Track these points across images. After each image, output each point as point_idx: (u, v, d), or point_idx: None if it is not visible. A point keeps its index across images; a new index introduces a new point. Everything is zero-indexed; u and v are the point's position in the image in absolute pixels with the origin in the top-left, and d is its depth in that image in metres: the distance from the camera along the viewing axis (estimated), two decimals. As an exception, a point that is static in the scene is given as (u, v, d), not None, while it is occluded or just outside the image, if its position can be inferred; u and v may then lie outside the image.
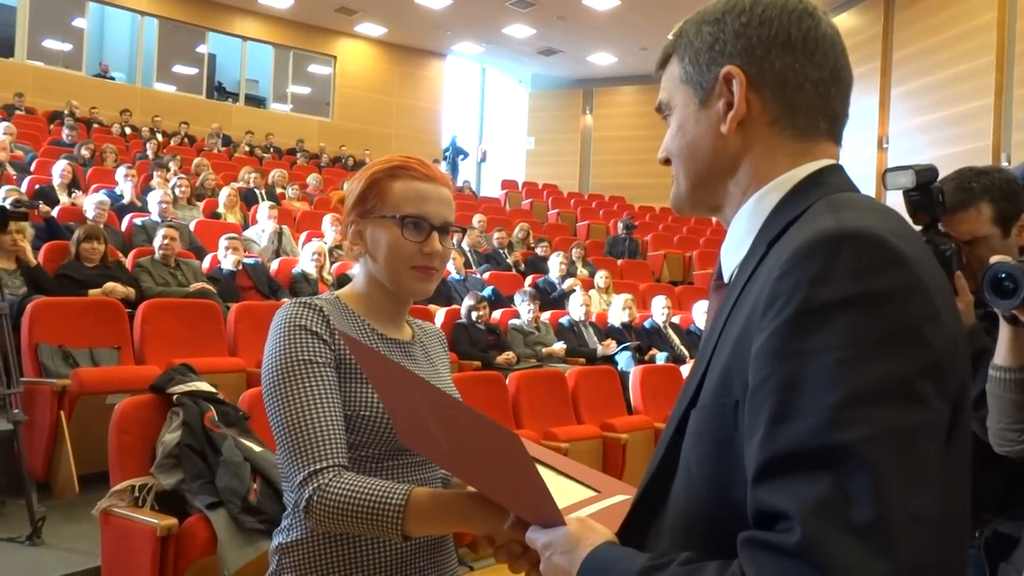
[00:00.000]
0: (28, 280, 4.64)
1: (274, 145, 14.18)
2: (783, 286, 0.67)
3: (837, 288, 0.64)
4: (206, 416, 3.04)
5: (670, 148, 0.88)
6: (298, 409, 1.15)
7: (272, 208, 7.28)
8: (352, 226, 1.31)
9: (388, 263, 1.27)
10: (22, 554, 3.11)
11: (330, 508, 1.10)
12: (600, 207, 14.49)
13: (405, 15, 15.55)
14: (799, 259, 0.67)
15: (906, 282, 0.65)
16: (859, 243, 0.66)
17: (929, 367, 0.64)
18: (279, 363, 1.18)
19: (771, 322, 0.67)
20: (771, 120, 0.81)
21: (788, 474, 0.63)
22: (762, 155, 0.82)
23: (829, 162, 0.82)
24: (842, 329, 0.63)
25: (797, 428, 0.63)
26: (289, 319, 1.21)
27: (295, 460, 1.13)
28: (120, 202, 7.13)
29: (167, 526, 2.69)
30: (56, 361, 3.94)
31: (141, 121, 13.17)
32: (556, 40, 16.15)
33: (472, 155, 18.52)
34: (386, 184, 1.29)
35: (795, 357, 0.65)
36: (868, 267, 0.65)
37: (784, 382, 0.64)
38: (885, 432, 0.61)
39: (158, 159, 9.86)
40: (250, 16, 15.86)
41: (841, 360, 0.63)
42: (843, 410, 0.62)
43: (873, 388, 0.62)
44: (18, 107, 11.76)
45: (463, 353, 5.53)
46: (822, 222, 0.70)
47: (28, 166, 8.14)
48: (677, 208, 0.91)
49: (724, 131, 0.82)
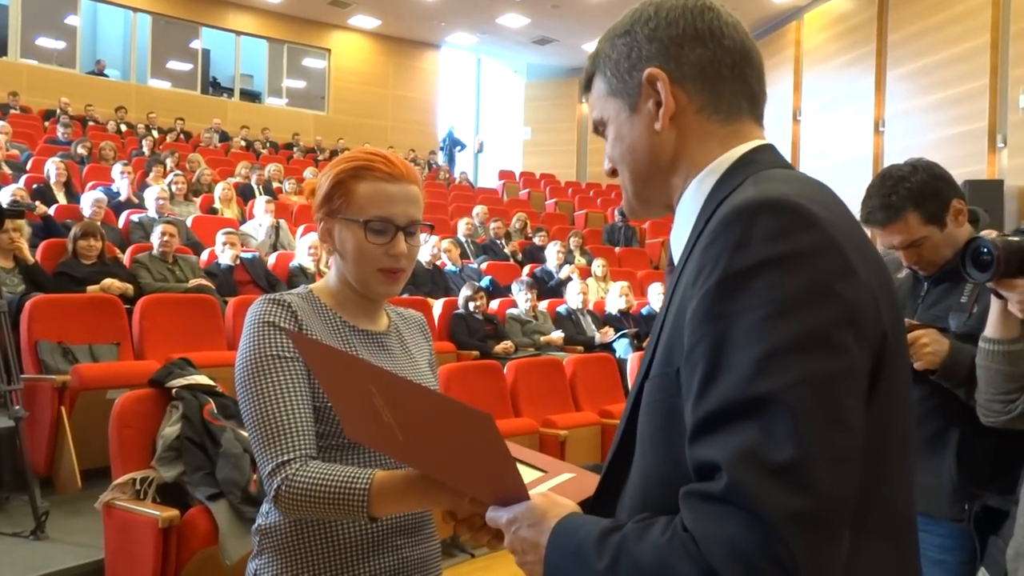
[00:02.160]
0: (26, 278, 4.66)
1: (270, 140, 14.17)
2: (709, 255, 0.72)
3: (755, 252, 0.70)
4: (205, 409, 3.07)
5: (613, 157, 0.93)
6: (267, 403, 1.20)
7: (269, 202, 7.29)
8: (321, 223, 1.33)
9: (355, 265, 1.30)
10: (26, 549, 3.14)
11: (298, 497, 1.14)
12: (598, 195, 14.49)
13: (398, 6, 15.50)
14: (722, 229, 0.72)
15: (818, 242, 0.70)
16: (774, 209, 0.71)
17: (844, 318, 0.69)
18: (249, 359, 1.22)
19: (699, 289, 0.72)
20: (697, 109, 0.86)
21: (718, 428, 0.67)
22: (695, 144, 0.87)
23: (759, 142, 0.87)
24: (761, 289, 0.68)
25: (724, 384, 0.68)
26: (259, 316, 1.25)
27: (265, 451, 1.18)
28: (117, 199, 7.14)
29: (169, 518, 2.72)
30: (56, 357, 3.96)
31: (136, 118, 13.16)
32: (550, 29, 16.10)
33: (469, 146, 18.50)
34: (351, 185, 1.29)
35: (721, 319, 0.69)
36: (782, 231, 0.70)
37: (712, 344, 0.69)
38: (803, 379, 0.66)
39: (154, 156, 9.86)
40: (243, 10, 15.81)
41: (762, 318, 0.67)
42: (764, 362, 0.66)
43: (791, 340, 0.67)
44: (13, 106, 11.75)
45: (461, 343, 5.56)
46: (744, 194, 0.76)
47: (24, 165, 8.15)
48: (630, 212, 0.97)
49: (658, 128, 0.86)
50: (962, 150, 10.17)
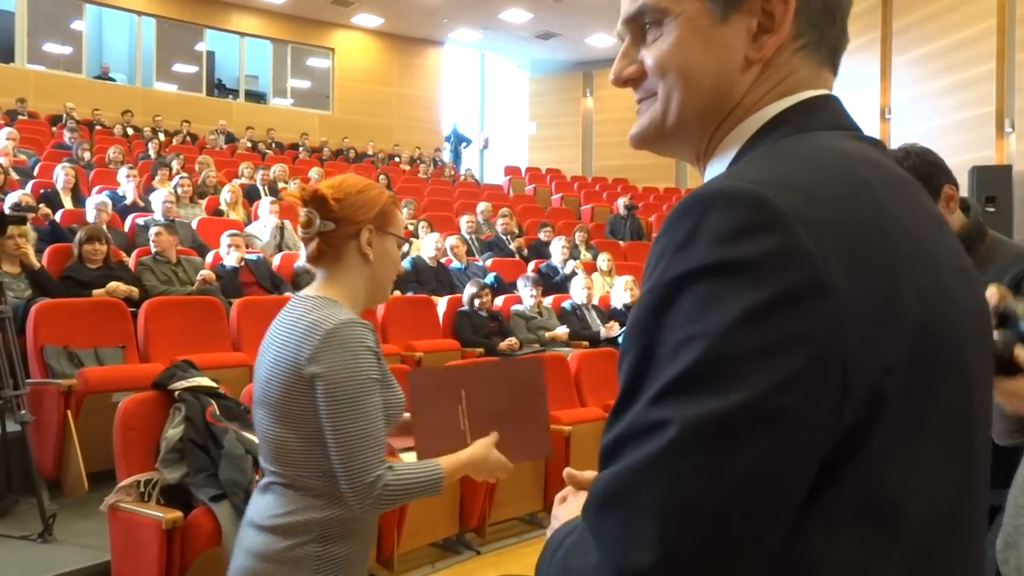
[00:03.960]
0: (32, 283, 4.70)
1: (276, 140, 14.21)
2: (655, 250, 0.61)
3: (695, 255, 0.57)
4: (207, 411, 3.09)
5: (657, 66, 0.70)
6: (368, 422, 1.42)
7: (273, 203, 7.32)
8: (367, 233, 1.54)
9: (387, 269, 1.59)
10: (34, 551, 3.18)
11: (395, 498, 1.44)
12: (604, 189, 14.46)
13: (401, 4, 15.50)
14: (673, 220, 0.60)
15: (777, 248, 0.55)
16: (730, 202, 0.57)
17: (790, 351, 0.54)
18: (356, 381, 1.43)
19: (641, 291, 0.62)
20: (799, 47, 0.69)
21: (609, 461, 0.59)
22: (768, 87, 0.69)
23: (810, 93, 0.70)
24: (694, 302, 0.56)
25: (627, 416, 0.58)
26: (359, 341, 1.44)
27: (362, 463, 1.41)
28: (123, 203, 7.19)
29: (172, 519, 2.75)
30: (61, 362, 4.00)
31: (143, 121, 13.23)
32: (554, 23, 16.06)
33: (474, 142, 18.50)
34: (394, 209, 1.60)
35: (647, 333, 0.58)
36: (732, 231, 0.56)
37: (634, 361, 0.59)
38: (695, 422, 0.53)
39: (160, 159, 9.91)
40: (247, 12, 15.86)
41: (683, 339, 0.55)
42: (660, 398, 0.55)
43: (701, 373, 0.54)
44: (20, 112, 11.83)
45: (465, 340, 5.57)
46: (716, 178, 0.62)
47: (31, 170, 8.21)
48: (641, 141, 0.76)
49: (754, 56, 0.68)
50: (970, 136, 10.08)
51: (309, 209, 1.53)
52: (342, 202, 1.52)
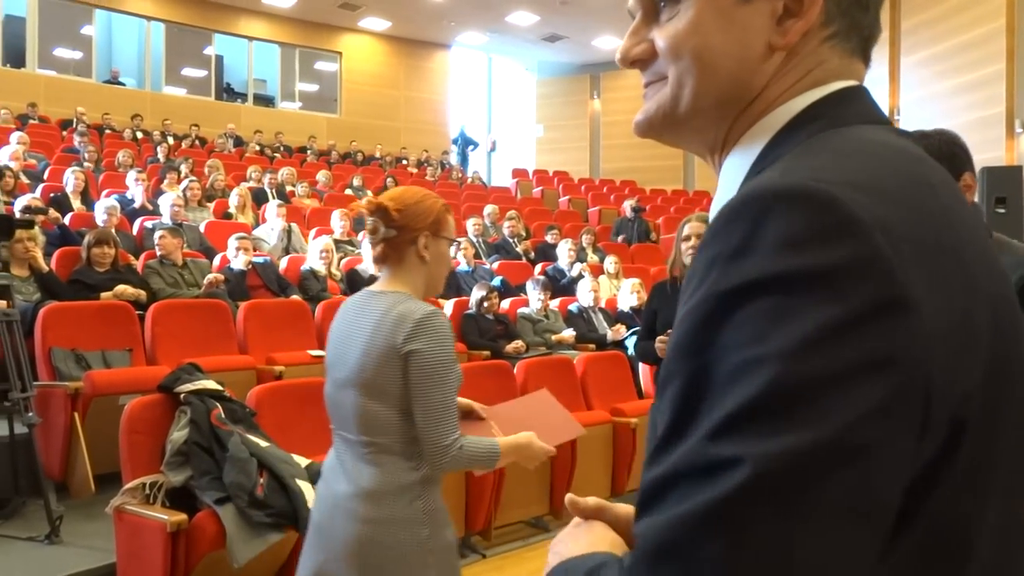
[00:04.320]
0: (41, 286, 4.73)
1: (284, 144, 14.26)
2: (701, 259, 0.53)
3: (757, 264, 0.49)
4: (213, 414, 3.09)
5: (670, 48, 0.65)
6: (449, 393, 1.67)
7: (280, 206, 7.34)
8: (424, 238, 1.77)
9: (443, 269, 1.84)
10: (41, 552, 3.19)
11: (464, 462, 1.69)
12: (611, 192, 14.45)
13: (408, 7, 15.54)
14: (722, 225, 0.53)
15: (855, 256, 0.48)
16: (797, 203, 0.50)
17: (874, 379, 0.47)
18: (442, 360, 1.67)
19: (684, 306, 0.54)
20: (827, 35, 0.63)
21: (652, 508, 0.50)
22: (794, 77, 0.64)
23: (844, 83, 0.64)
24: (756, 319, 0.48)
25: (680, 450, 0.50)
26: (444, 328, 1.71)
27: (443, 427, 1.66)
28: (132, 206, 7.22)
29: (177, 522, 2.76)
30: (69, 364, 4.02)
31: (152, 125, 13.30)
32: (560, 26, 16.07)
33: (482, 145, 18.52)
34: (446, 216, 1.83)
35: (700, 353, 0.50)
36: (802, 236, 0.49)
37: (684, 386, 0.51)
38: (770, 461, 0.46)
39: (169, 162, 9.96)
40: (255, 16, 15.93)
41: (747, 362, 0.48)
42: (725, 430, 0.48)
43: (776, 401, 0.47)
44: (31, 116, 11.92)
45: (472, 343, 5.57)
46: (770, 174, 0.55)
47: (41, 174, 8.27)
48: (647, 129, 0.69)
49: (779, 42, 0.62)
50: (980, 136, 10.02)
51: (375, 219, 1.76)
52: (402, 212, 1.76)
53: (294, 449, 3.18)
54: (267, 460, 2.97)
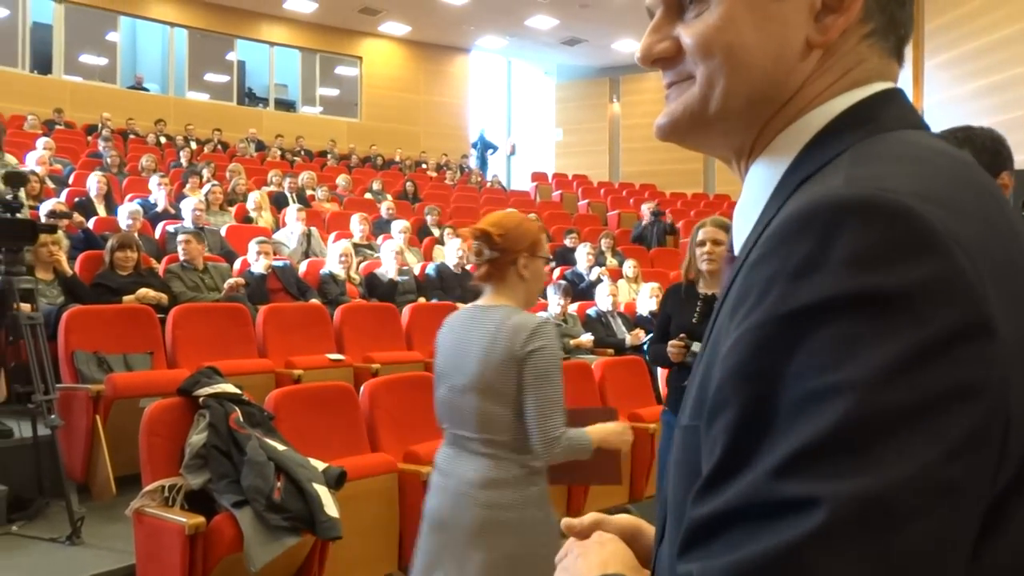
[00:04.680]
0: (65, 290, 4.79)
1: (304, 148, 14.37)
2: (757, 276, 0.49)
3: (828, 282, 0.45)
4: (231, 417, 3.11)
5: (709, 43, 0.60)
6: (559, 392, 1.92)
7: (300, 210, 7.39)
8: (522, 259, 2.01)
9: (539, 284, 2.10)
10: (63, 553, 3.23)
11: (567, 453, 1.92)
12: (631, 195, 14.40)
13: (428, 12, 15.61)
14: (783, 238, 0.49)
15: (937, 275, 0.44)
16: (871, 215, 0.46)
17: (960, 409, 0.43)
18: (554, 362, 1.93)
19: (738, 326, 0.49)
20: (866, 33, 0.60)
21: (708, 551, 0.46)
22: (831, 76, 0.60)
23: (884, 85, 0.60)
24: (826, 344, 0.44)
25: (741, 485, 0.45)
26: (553, 333, 1.97)
27: (553, 421, 1.90)
28: (154, 210, 7.31)
29: (195, 524, 2.78)
30: (91, 367, 4.07)
31: (175, 130, 13.46)
32: (579, 29, 16.06)
33: (501, 149, 18.54)
34: (541, 237, 2.09)
35: (761, 380, 0.46)
36: (877, 252, 0.45)
37: (741, 414, 0.47)
38: (852, 502, 0.42)
39: (191, 167, 10.07)
40: (276, 22, 16.07)
41: (818, 391, 0.44)
42: (798, 465, 0.43)
43: (848, 435, 0.43)
44: (58, 122, 12.10)
45: (490, 347, 5.56)
46: (829, 181, 0.51)
47: (67, 179, 8.38)
48: (670, 131, 0.64)
49: (817, 39, 0.58)
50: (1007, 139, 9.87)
51: (479, 242, 2.00)
52: (503, 236, 2.00)
53: (311, 453, 3.19)
54: (284, 464, 2.98)
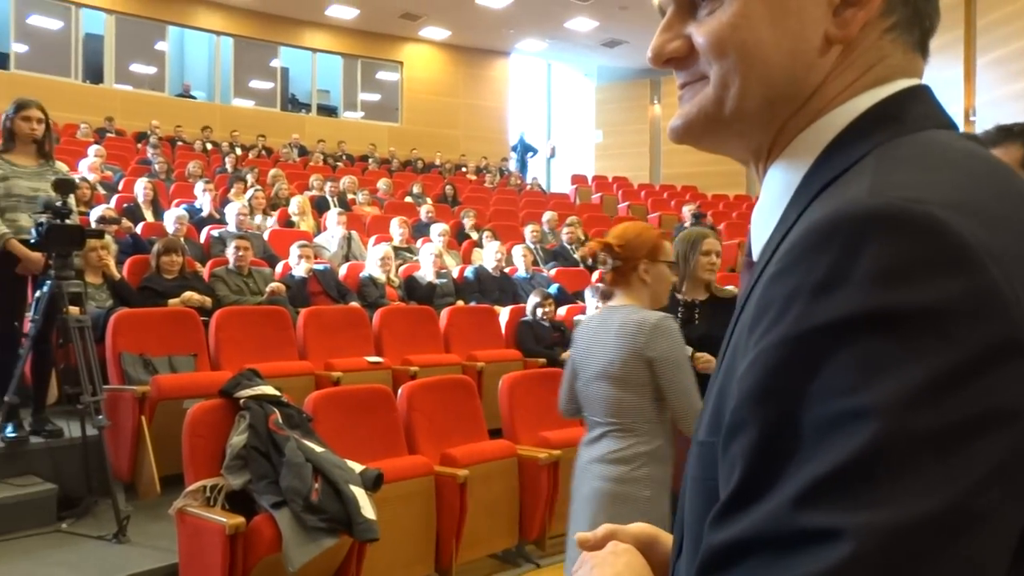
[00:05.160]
0: (113, 293, 4.92)
1: (346, 153, 14.55)
2: (776, 291, 0.46)
3: (851, 300, 0.43)
4: (270, 419, 3.16)
5: (723, 42, 0.57)
6: (691, 375, 2.22)
7: (341, 214, 7.48)
8: (643, 264, 2.27)
9: (665, 286, 2.32)
10: (109, 551, 3.31)
11: None
12: (672, 197, 14.27)
13: (468, 16, 15.68)
14: (803, 252, 0.46)
15: (968, 292, 0.42)
16: (897, 228, 0.43)
17: (992, 436, 0.41)
18: (680, 351, 2.21)
19: (756, 344, 0.47)
20: (888, 27, 0.57)
21: (724, 571, 0.45)
22: (852, 73, 0.57)
23: (909, 82, 0.57)
24: (851, 364, 0.42)
25: (760, 512, 0.43)
26: (675, 328, 2.22)
27: (694, 399, 2.16)
28: (200, 215, 7.47)
29: (235, 525, 2.82)
30: (137, 369, 4.16)
31: (221, 136, 13.74)
32: (620, 31, 15.98)
33: (541, 151, 18.53)
34: (662, 243, 2.31)
35: (780, 400, 0.44)
36: (906, 266, 0.42)
37: (759, 437, 0.45)
38: (878, 534, 0.39)
39: (236, 172, 10.27)
40: (319, 28, 16.32)
41: (841, 415, 0.42)
42: (820, 493, 0.41)
43: (873, 462, 0.40)
44: (109, 130, 12.46)
45: (528, 350, 5.56)
46: (852, 191, 0.48)
47: (116, 185, 8.61)
48: (684, 134, 0.62)
49: (836, 34, 0.55)
50: (1063, 138, 9.53)
51: (603, 253, 2.25)
52: (623, 246, 2.26)
53: (348, 455, 3.22)
54: (322, 465, 3.01)
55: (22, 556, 3.24)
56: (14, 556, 3.23)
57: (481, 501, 3.64)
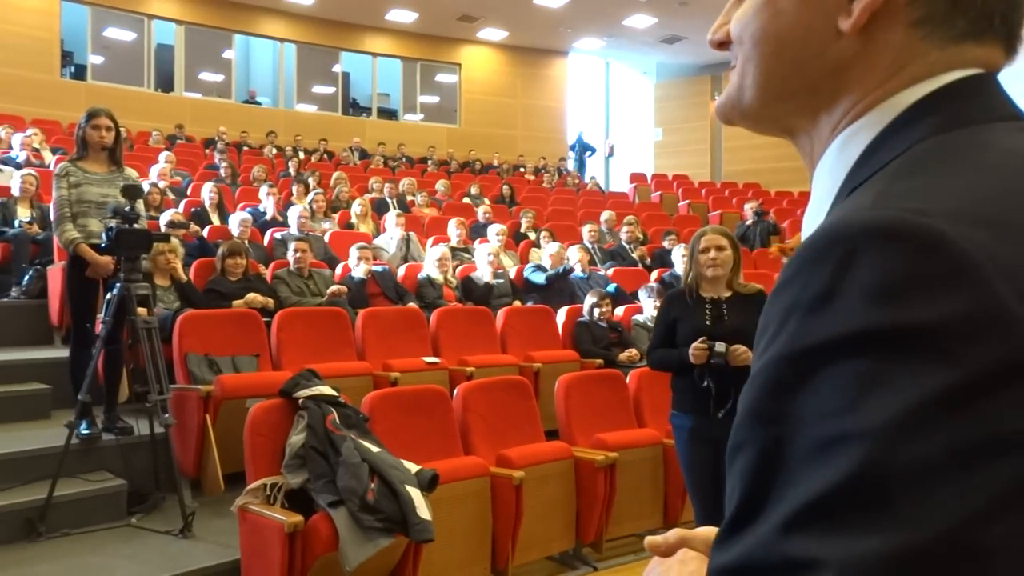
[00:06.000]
0: (180, 295, 5.07)
1: (405, 155, 14.73)
2: (776, 306, 0.45)
3: (843, 316, 0.41)
4: (328, 419, 3.20)
5: (742, 31, 0.58)
6: None
7: (399, 216, 7.56)
8: None
9: None
10: (175, 546, 3.40)
11: None
12: (733, 195, 13.98)
13: (525, 17, 15.69)
14: (802, 265, 0.44)
15: (968, 310, 0.39)
16: (890, 241, 0.41)
17: (996, 461, 0.37)
18: None
19: (757, 360, 0.46)
20: (915, 19, 0.52)
21: None
22: (882, 70, 0.53)
23: (965, 72, 0.52)
24: (841, 385, 0.40)
25: (753, 537, 0.42)
26: None
27: None
28: (263, 218, 7.65)
29: (293, 523, 2.86)
30: (202, 369, 4.28)
31: (285, 141, 14.08)
32: (679, 27, 15.74)
33: (599, 150, 18.41)
34: None
35: (775, 422, 0.42)
36: (901, 283, 0.40)
37: (755, 460, 0.43)
38: (857, 568, 0.37)
39: (299, 175, 10.49)
40: (379, 33, 16.57)
41: (830, 438, 0.40)
42: (805, 519, 0.39)
43: (859, 489, 0.38)
44: (179, 137, 12.89)
45: (585, 351, 5.51)
46: (860, 199, 0.46)
47: (185, 190, 8.90)
48: (726, 116, 0.62)
49: (844, 26, 0.52)
50: None
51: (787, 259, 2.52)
52: None
53: (404, 455, 3.24)
54: (378, 465, 3.03)
55: (94, 549, 3.36)
56: (87, 549, 3.36)
57: (537, 503, 3.62)
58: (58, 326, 5.45)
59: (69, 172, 4.03)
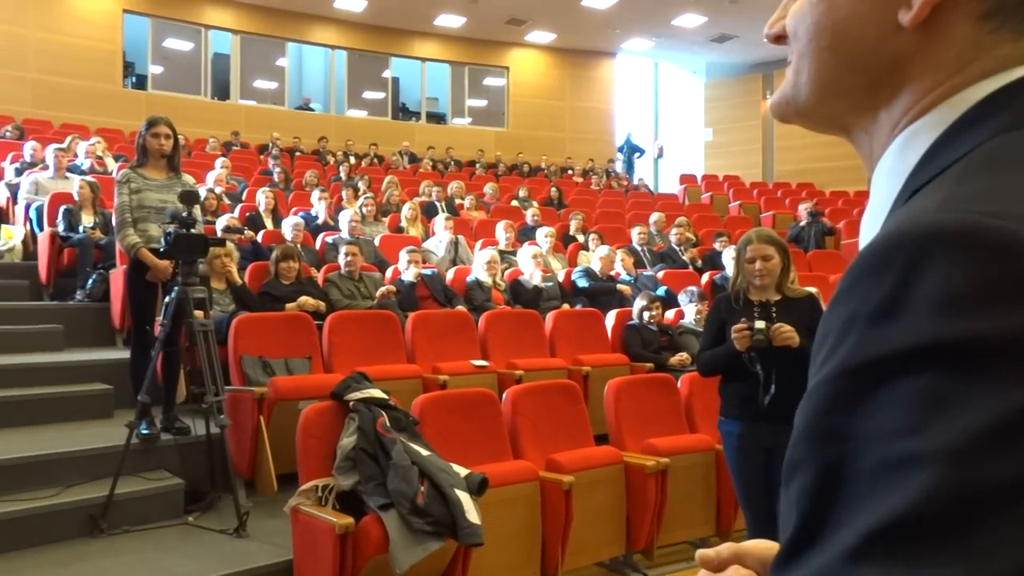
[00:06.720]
0: (235, 298, 5.18)
1: (454, 158, 14.82)
2: (835, 317, 0.42)
3: (910, 328, 0.38)
4: (378, 421, 3.22)
5: (797, 26, 0.56)
6: None
7: (448, 219, 7.60)
8: None
9: None
10: (230, 545, 3.46)
11: None
12: (786, 195, 13.70)
13: (573, 19, 15.65)
14: (862, 273, 0.41)
15: None
16: (964, 247, 0.38)
17: None
18: None
19: (815, 374, 0.43)
20: (983, 12, 0.49)
21: None
22: (946, 65, 0.50)
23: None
24: (909, 402, 0.37)
25: (815, 562, 0.39)
26: None
27: None
28: (315, 222, 7.77)
29: (344, 525, 2.89)
30: (257, 371, 4.36)
31: (336, 146, 14.31)
32: (729, 26, 15.50)
33: (648, 151, 18.24)
34: None
35: (835, 440, 0.40)
36: (975, 292, 0.37)
37: (814, 480, 0.40)
38: None
39: (349, 180, 10.64)
40: (427, 38, 16.72)
41: (898, 459, 0.37)
42: (870, 545, 0.37)
43: (931, 514, 0.35)
44: (234, 143, 13.21)
45: (634, 355, 5.45)
46: (926, 202, 0.43)
47: (240, 195, 9.10)
48: (781, 114, 0.60)
49: (904, 20, 0.50)
50: None
51: None
52: None
53: (453, 458, 3.24)
54: (428, 469, 3.04)
55: (152, 546, 3.44)
56: (145, 546, 3.44)
57: (587, 508, 3.59)
58: (120, 328, 5.62)
59: (130, 179, 4.15)
